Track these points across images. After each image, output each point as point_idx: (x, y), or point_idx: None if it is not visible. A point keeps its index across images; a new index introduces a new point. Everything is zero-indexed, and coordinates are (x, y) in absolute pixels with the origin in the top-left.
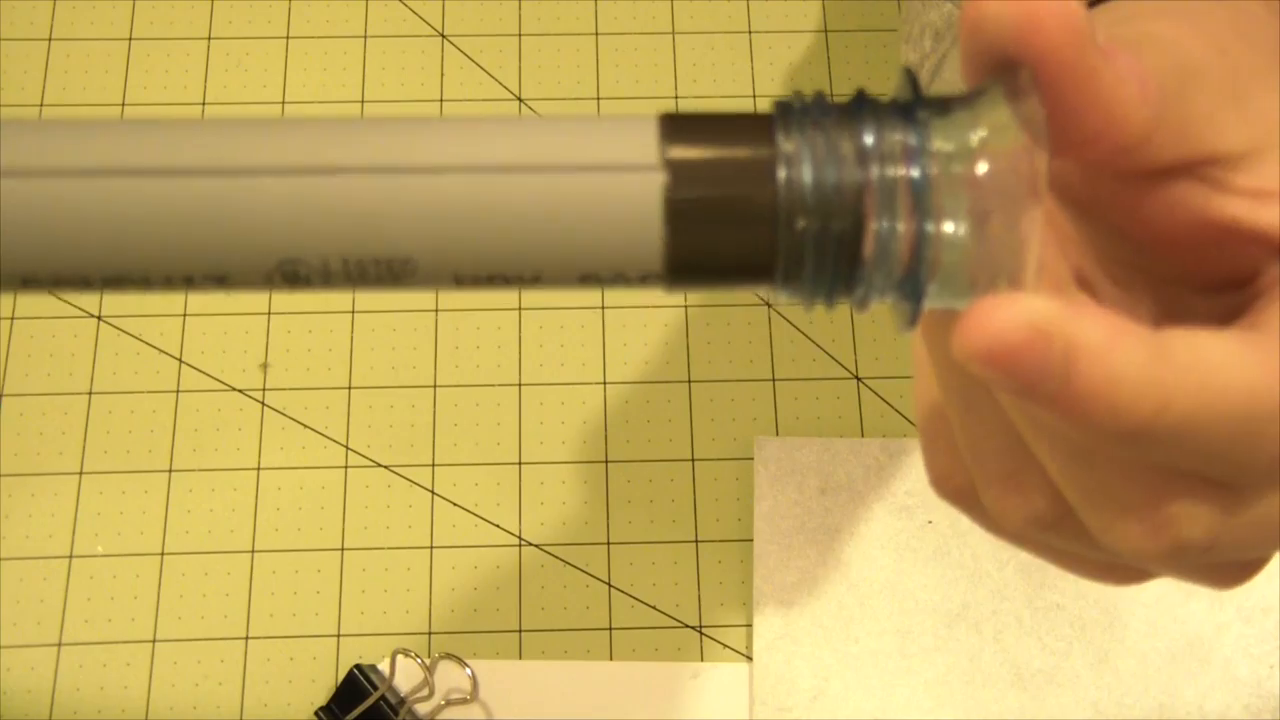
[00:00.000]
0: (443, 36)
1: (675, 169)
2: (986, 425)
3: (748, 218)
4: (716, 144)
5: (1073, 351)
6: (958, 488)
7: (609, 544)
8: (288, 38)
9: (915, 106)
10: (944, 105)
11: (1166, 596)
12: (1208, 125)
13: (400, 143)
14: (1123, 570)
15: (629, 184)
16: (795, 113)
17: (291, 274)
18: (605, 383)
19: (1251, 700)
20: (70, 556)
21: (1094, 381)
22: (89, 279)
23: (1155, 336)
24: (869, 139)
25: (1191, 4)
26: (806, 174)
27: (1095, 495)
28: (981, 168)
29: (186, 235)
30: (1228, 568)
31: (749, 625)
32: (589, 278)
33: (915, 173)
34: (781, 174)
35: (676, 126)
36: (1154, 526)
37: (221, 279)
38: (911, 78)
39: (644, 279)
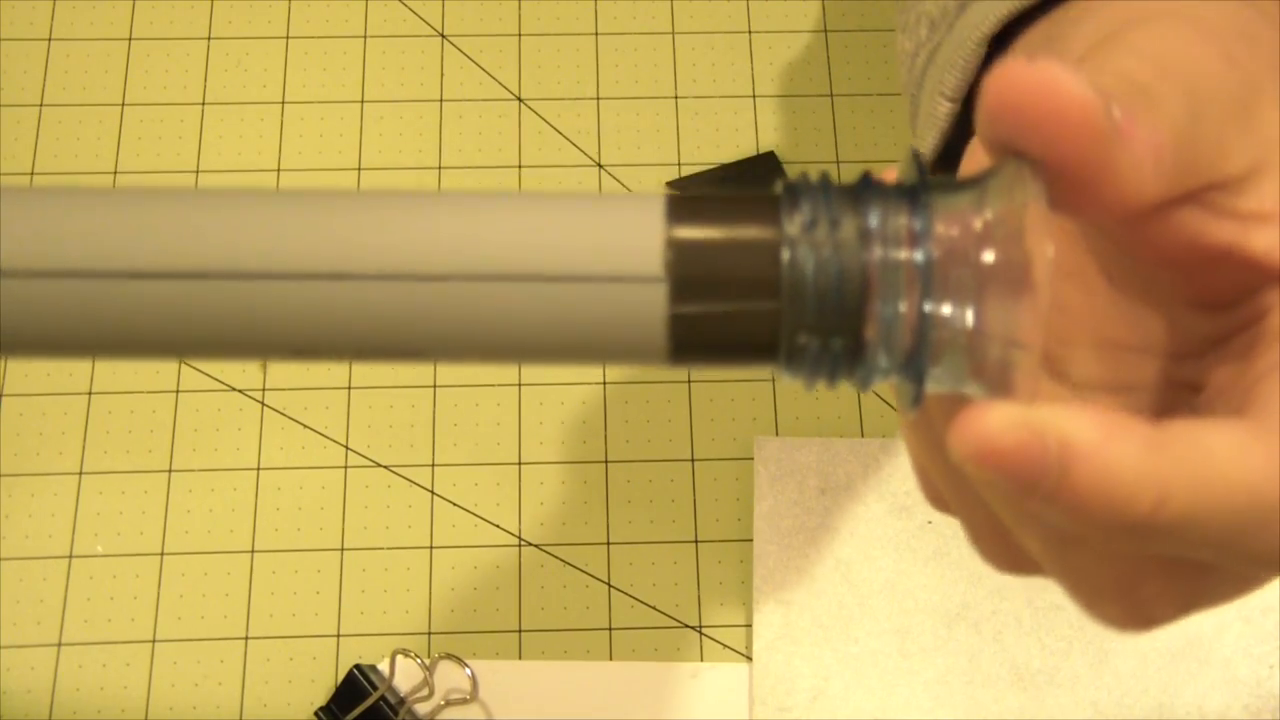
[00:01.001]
0: (443, 36)
1: (679, 250)
2: (972, 500)
3: (751, 300)
4: (721, 225)
5: (1068, 450)
6: (948, 508)
7: (609, 544)
8: (288, 38)
9: (920, 189)
10: (951, 187)
11: None
12: (1214, 151)
13: (407, 245)
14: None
15: (634, 288)
16: (801, 194)
17: (300, 355)
18: (605, 383)
19: (1251, 700)
20: (70, 556)
21: (1090, 479)
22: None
23: (1152, 430)
24: (873, 221)
25: (1196, 4)
26: (810, 257)
27: (1073, 578)
28: (986, 254)
29: (198, 332)
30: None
31: (749, 625)
32: (591, 359)
33: (919, 256)
34: (785, 256)
35: (682, 208)
36: (1129, 608)
37: (228, 358)
38: (917, 159)
39: (645, 359)
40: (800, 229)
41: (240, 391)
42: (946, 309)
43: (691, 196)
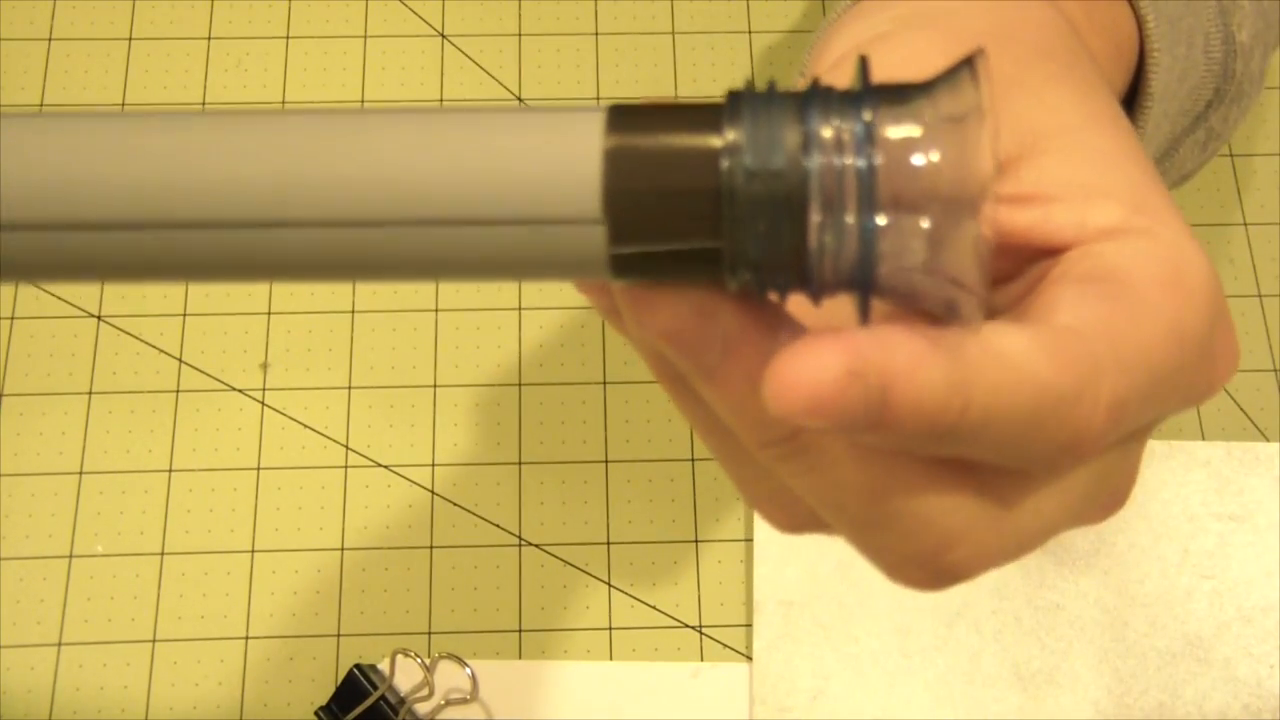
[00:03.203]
0: (443, 36)
1: (616, 156)
2: (741, 460)
3: (690, 207)
4: (660, 133)
5: (887, 381)
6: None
7: (609, 544)
8: (288, 38)
9: (866, 95)
10: (900, 93)
11: (1167, 596)
12: None
13: (337, 194)
14: None
15: (571, 177)
16: (745, 102)
17: (237, 281)
18: (605, 383)
19: (1251, 700)
20: (70, 556)
21: (907, 402)
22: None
23: (952, 342)
24: (816, 128)
25: (952, 5)
26: (748, 163)
27: (873, 548)
28: (931, 156)
29: (149, 266)
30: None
31: (749, 625)
32: (537, 278)
33: (861, 162)
34: (724, 164)
35: (623, 117)
36: (934, 572)
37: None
38: (864, 66)
39: (586, 269)
40: (740, 137)
41: (240, 391)
42: (892, 216)
43: (630, 106)
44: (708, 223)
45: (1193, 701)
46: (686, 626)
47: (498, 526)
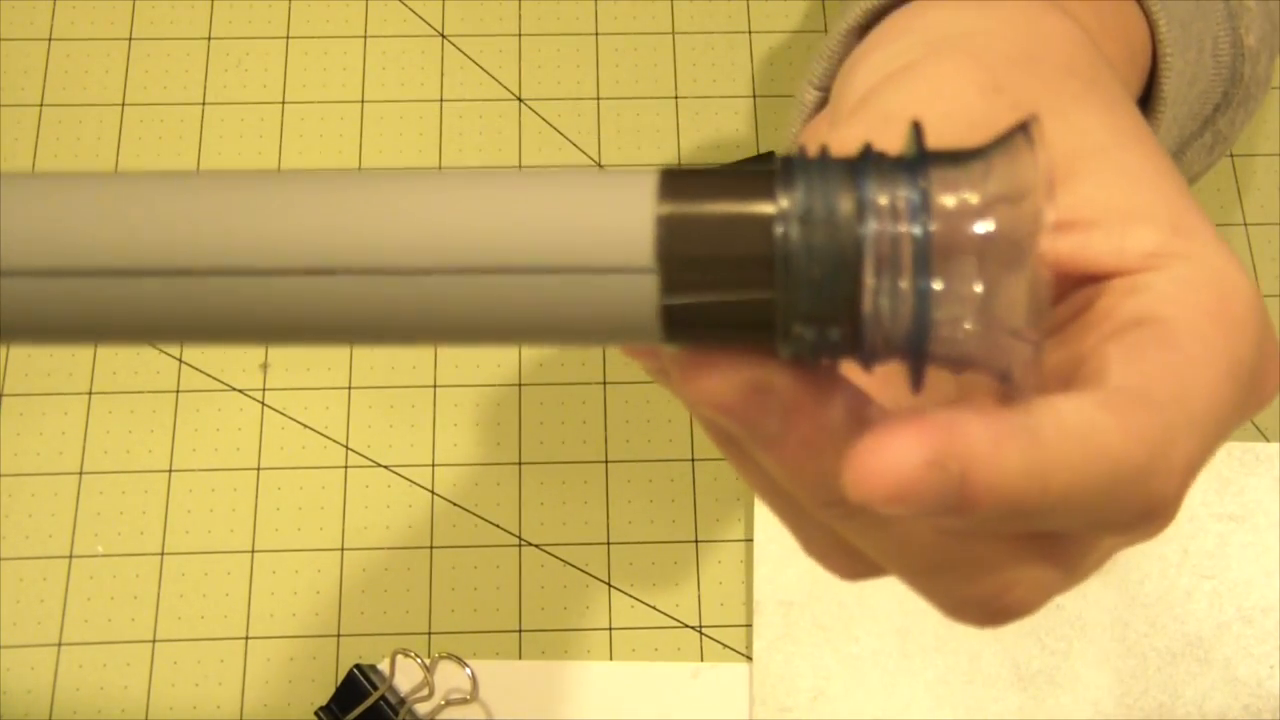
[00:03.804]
0: (443, 36)
1: (669, 224)
2: (800, 517)
3: (745, 280)
4: (714, 200)
5: (967, 469)
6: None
7: (609, 544)
8: (288, 38)
9: (920, 161)
10: (954, 159)
11: (1167, 596)
12: None
13: (391, 237)
14: None
15: (624, 279)
16: (796, 169)
17: (286, 343)
18: (605, 382)
19: (1251, 700)
20: (70, 556)
21: (986, 487)
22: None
23: (1027, 422)
24: (871, 194)
25: (980, 23)
26: (803, 231)
27: (933, 591)
28: (985, 226)
29: (183, 324)
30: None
31: (749, 625)
32: (584, 340)
33: (916, 230)
34: (778, 231)
35: (675, 182)
36: (992, 612)
37: (215, 345)
38: (918, 131)
39: (639, 337)
40: (794, 204)
41: (240, 391)
42: (947, 283)
43: (682, 171)
44: (761, 287)
45: (1193, 702)
46: (686, 627)
47: (498, 526)
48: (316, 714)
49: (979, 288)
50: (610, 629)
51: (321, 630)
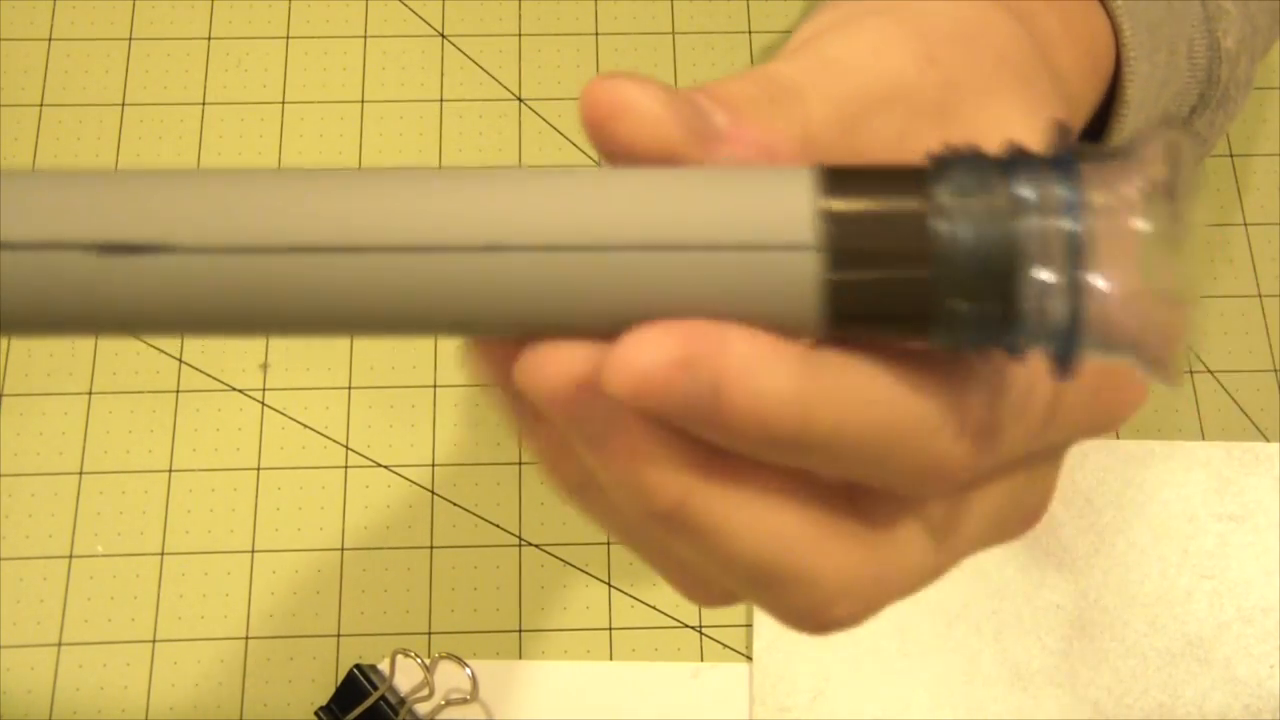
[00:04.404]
0: (443, 36)
1: (832, 220)
2: (644, 538)
3: (903, 271)
4: (871, 196)
5: (721, 380)
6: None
7: (609, 544)
8: (288, 38)
9: (1069, 158)
10: (1101, 155)
11: (1167, 596)
12: (895, 149)
13: (556, 214)
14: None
15: (787, 256)
16: (950, 165)
17: (458, 330)
18: None
19: (1252, 700)
20: (70, 556)
21: (739, 403)
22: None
23: (806, 356)
24: (1023, 190)
25: (917, 4)
26: (961, 227)
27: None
28: (1139, 222)
29: (364, 306)
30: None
31: (749, 625)
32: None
33: (1070, 225)
34: (936, 227)
35: (831, 179)
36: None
37: (393, 334)
38: (1064, 130)
39: (795, 332)
40: (950, 198)
41: (240, 391)
42: (1101, 277)
43: (839, 168)
44: (919, 275)
45: (1193, 702)
46: (686, 626)
47: (498, 526)
48: (316, 714)
49: (1132, 279)
50: (610, 629)
51: (321, 630)
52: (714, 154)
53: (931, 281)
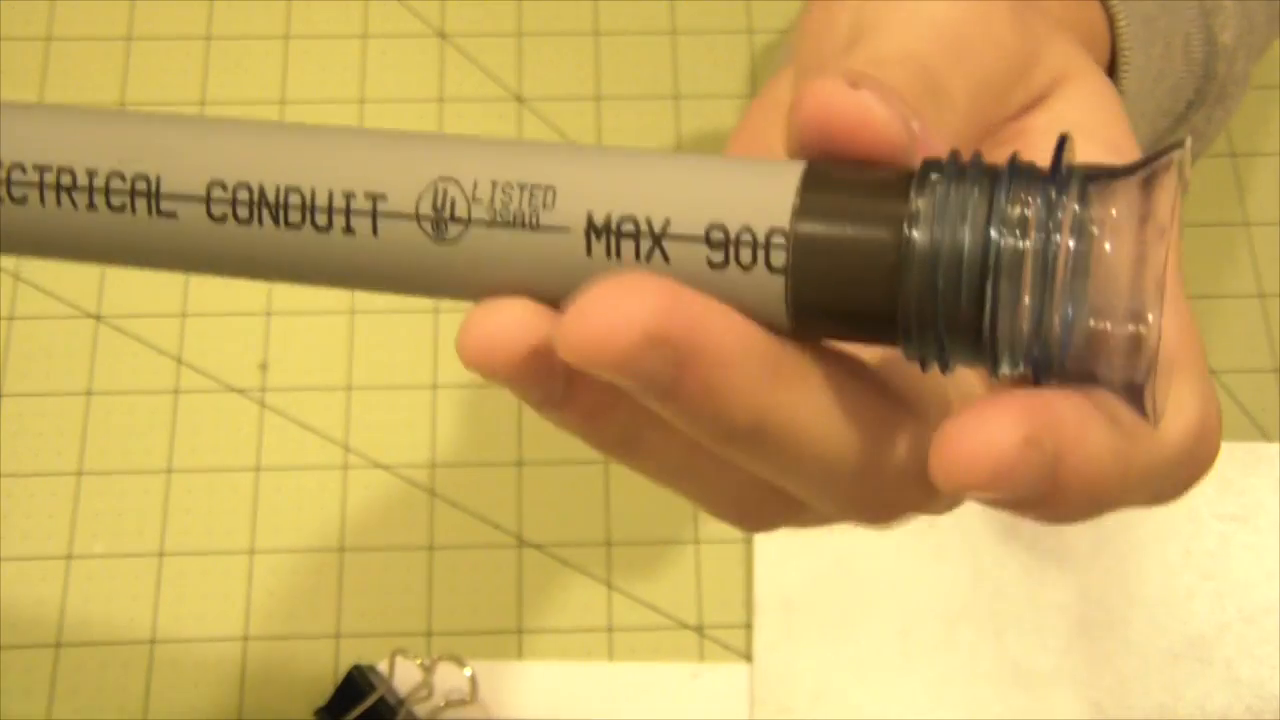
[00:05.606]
0: (442, 36)
1: (805, 211)
2: (708, 483)
3: (872, 277)
4: (850, 195)
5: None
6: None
7: (609, 544)
8: (287, 37)
9: (1060, 175)
10: (1094, 175)
11: (1168, 596)
12: (1000, 108)
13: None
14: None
15: (758, 243)
16: (934, 171)
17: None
18: None
19: (1253, 701)
20: (69, 556)
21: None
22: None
23: (774, 352)
24: (1005, 204)
25: (926, 6)
26: (934, 234)
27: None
28: (1115, 244)
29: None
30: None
31: (749, 625)
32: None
33: (1051, 244)
34: (907, 233)
35: (816, 180)
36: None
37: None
38: (1061, 144)
39: (762, 304)
40: (927, 204)
41: (240, 391)
42: (1076, 303)
43: (825, 166)
44: (887, 287)
45: (1194, 702)
46: (686, 627)
47: (498, 527)
48: (316, 714)
49: (1106, 303)
50: (610, 629)
51: (320, 631)
52: (913, 159)
53: (899, 286)
